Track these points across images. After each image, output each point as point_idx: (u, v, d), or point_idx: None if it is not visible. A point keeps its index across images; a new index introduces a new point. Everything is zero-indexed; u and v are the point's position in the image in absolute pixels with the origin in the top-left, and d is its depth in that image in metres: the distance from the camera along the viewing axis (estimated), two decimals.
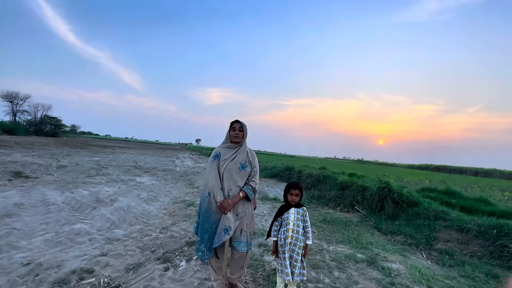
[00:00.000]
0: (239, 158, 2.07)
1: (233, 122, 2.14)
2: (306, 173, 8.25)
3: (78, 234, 3.39)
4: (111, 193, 5.47)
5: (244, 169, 2.06)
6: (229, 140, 2.15)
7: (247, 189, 2.04)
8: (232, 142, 2.13)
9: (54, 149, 16.49)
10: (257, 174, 2.15)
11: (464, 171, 60.93)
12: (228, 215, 1.95)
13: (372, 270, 2.77)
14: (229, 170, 2.02)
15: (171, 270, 2.64)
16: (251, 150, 2.20)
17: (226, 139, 2.18)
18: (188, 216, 4.61)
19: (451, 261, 3.21)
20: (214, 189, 1.98)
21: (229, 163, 2.04)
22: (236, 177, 2.02)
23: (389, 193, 4.97)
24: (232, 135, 2.11)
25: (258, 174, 2.20)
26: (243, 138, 2.12)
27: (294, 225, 2.09)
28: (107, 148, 25.77)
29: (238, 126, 2.10)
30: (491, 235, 3.44)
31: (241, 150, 2.11)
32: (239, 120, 2.12)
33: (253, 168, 2.13)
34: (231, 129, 2.12)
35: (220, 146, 2.19)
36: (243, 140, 2.13)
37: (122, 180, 7.39)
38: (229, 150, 2.11)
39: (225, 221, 1.95)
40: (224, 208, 1.93)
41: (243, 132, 2.11)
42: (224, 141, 2.20)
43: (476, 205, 5.21)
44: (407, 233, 4.05)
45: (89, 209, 4.38)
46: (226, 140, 2.17)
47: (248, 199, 2.07)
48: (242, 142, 2.13)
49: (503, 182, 25.60)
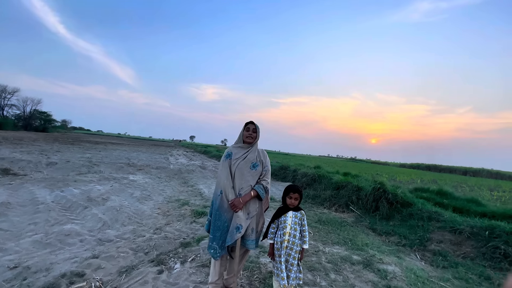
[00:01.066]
0: (251, 157, 2.10)
1: (248, 123, 2.17)
2: (301, 172, 8.25)
3: (68, 235, 3.29)
4: (103, 192, 5.35)
5: (255, 168, 2.08)
6: (242, 140, 2.18)
7: (258, 188, 2.06)
8: (245, 142, 2.16)
9: (44, 145, 16.08)
10: (268, 173, 2.17)
11: (453, 170, 62.52)
12: (239, 213, 1.97)
13: (368, 273, 2.77)
14: (241, 169, 2.05)
15: (165, 273, 2.58)
16: (262, 150, 2.22)
17: (239, 139, 2.20)
18: (183, 216, 4.55)
19: (444, 262, 3.25)
20: (226, 188, 2.01)
21: (241, 162, 2.07)
22: (247, 176, 2.05)
23: (384, 193, 5.01)
24: (245, 135, 2.14)
25: (270, 174, 2.21)
26: (255, 139, 2.15)
27: (291, 228, 2.06)
28: (99, 144, 25.28)
29: (252, 127, 2.13)
30: (483, 237, 3.49)
31: (252, 150, 2.14)
32: (253, 122, 2.16)
33: (265, 167, 2.15)
34: (245, 129, 2.15)
35: (232, 145, 2.23)
36: (255, 141, 2.16)
37: (115, 178, 7.24)
38: (240, 150, 2.14)
39: (237, 219, 1.97)
40: (235, 206, 1.95)
41: (256, 134, 2.14)
42: (236, 141, 2.23)
43: (468, 206, 5.31)
44: (402, 234, 4.08)
45: (80, 209, 4.27)
46: (239, 140, 2.20)
47: (259, 198, 2.09)
48: (254, 142, 2.16)
49: (491, 182, 26.33)
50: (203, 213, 4.71)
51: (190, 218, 4.42)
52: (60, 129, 55.19)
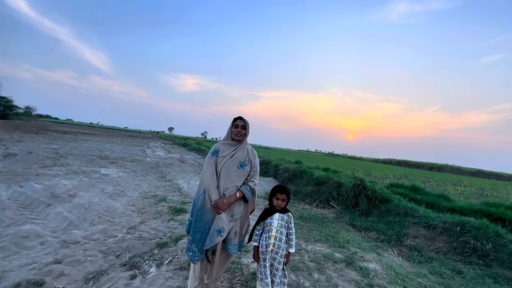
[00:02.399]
0: (239, 156, 1.95)
1: (236, 119, 2.01)
2: (283, 168, 8.24)
3: (26, 237, 2.93)
4: (70, 187, 4.89)
5: (243, 168, 1.94)
6: (230, 137, 2.02)
7: (244, 189, 1.92)
8: (233, 139, 2.00)
9: (3, 133, 14.54)
10: (257, 174, 2.04)
11: (421, 166, 67.47)
12: (222, 215, 1.83)
13: (350, 271, 2.77)
14: (227, 167, 1.90)
15: (138, 278, 2.37)
16: (252, 149, 2.09)
17: (227, 136, 2.05)
18: (159, 213, 4.29)
19: (420, 258, 3.37)
20: (210, 187, 1.86)
21: (228, 160, 1.92)
22: (234, 176, 1.90)
23: (363, 189, 5.12)
24: (233, 132, 1.98)
25: (258, 175, 2.08)
26: (245, 136, 2.00)
27: (277, 231, 1.95)
28: (67, 134, 23.48)
29: (241, 124, 1.98)
30: (454, 232, 3.67)
31: (241, 148, 2.00)
32: (242, 117, 2.00)
33: (253, 167, 2.02)
34: (233, 126, 1.99)
35: (220, 142, 2.07)
36: (244, 138, 2.02)
37: (84, 171, 6.68)
38: (228, 147, 1.98)
39: (219, 221, 1.82)
40: (218, 207, 1.80)
41: (246, 130, 2.00)
42: (224, 137, 2.08)
43: (438, 201, 5.61)
44: (380, 230, 4.19)
45: (42, 207, 3.84)
46: (227, 137, 2.05)
47: (245, 200, 1.95)
48: (243, 140, 2.02)
49: (454, 177, 28.72)
50: (182, 210, 4.49)
51: (167, 216, 4.18)
52: (23, 117, 50.46)
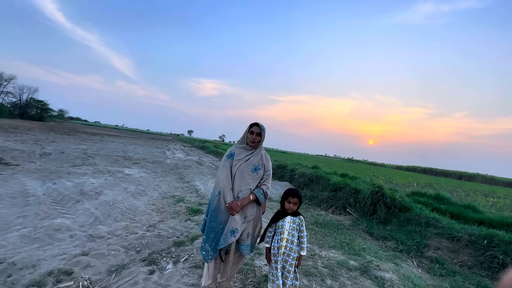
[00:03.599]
0: (253, 160, 2.02)
1: (252, 125, 2.06)
2: (299, 172, 8.18)
3: (58, 229, 3.19)
4: (97, 186, 5.23)
5: (256, 172, 2.01)
6: (245, 142, 2.08)
7: (257, 192, 1.99)
8: (248, 144, 2.07)
9: (39, 134, 15.84)
10: (269, 178, 2.10)
11: (449, 174, 63.04)
12: (235, 216, 1.90)
13: (365, 280, 2.71)
14: (242, 171, 1.97)
15: (156, 274, 2.50)
16: (266, 154, 2.14)
17: (242, 140, 2.11)
18: (177, 213, 4.46)
19: (441, 270, 3.21)
20: (225, 189, 1.94)
21: (242, 163, 1.99)
22: (248, 179, 1.97)
23: (382, 197, 4.95)
24: (249, 139, 2.04)
25: (271, 178, 2.14)
26: (259, 143, 2.05)
27: (289, 234, 1.99)
28: (95, 135, 25.01)
29: (257, 131, 2.02)
30: (481, 245, 3.45)
31: (256, 153, 2.06)
32: (258, 124, 2.04)
33: (266, 171, 2.07)
34: (249, 132, 2.05)
35: (235, 145, 2.13)
36: (259, 144, 2.07)
37: (110, 171, 7.11)
38: (244, 151, 2.05)
39: (233, 222, 1.89)
40: (232, 209, 1.88)
41: (261, 137, 2.04)
42: (240, 140, 2.14)
43: (465, 212, 5.28)
44: (399, 239, 4.03)
45: (72, 202, 4.16)
46: (242, 141, 2.11)
47: (258, 202, 2.01)
48: (258, 145, 2.07)
49: (486, 187, 26.57)
50: (198, 210, 4.63)
51: (184, 216, 4.33)
52: (57, 119, 54.57)
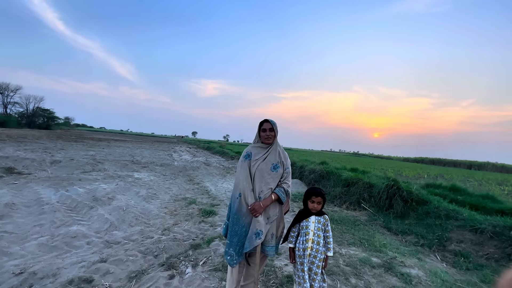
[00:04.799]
0: (271, 158, 1.95)
1: (263, 122, 2.00)
2: (309, 169, 8.08)
3: (75, 237, 3.18)
4: (109, 191, 5.24)
5: (276, 170, 1.94)
6: (260, 141, 2.03)
7: (279, 192, 1.92)
8: (263, 143, 2.01)
9: (48, 142, 16.05)
10: (289, 175, 2.03)
11: (458, 164, 61.84)
12: (259, 218, 1.83)
13: (390, 277, 2.62)
14: (261, 170, 1.91)
15: (176, 278, 2.46)
16: (283, 151, 2.07)
17: (257, 139, 2.06)
18: (190, 215, 4.43)
19: (467, 264, 3.09)
20: (245, 190, 1.87)
21: (261, 163, 1.93)
22: (267, 178, 1.91)
23: (398, 190, 4.83)
24: (263, 137, 1.99)
25: (291, 176, 2.06)
26: (274, 138, 2.00)
27: (315, 235, 1.91)
28: (102, 141, 25.28)
29: (269, 127, 1.97)
30: (507, 236, 3.32)
31: (272, 150, 1.99)
32: (268, 120, 1.98)
33: (286, 169, 2.00)
34: (261, 130, 2.00)
35: (251, 145, 2.08)
36: (274, 139, 2.00)
37: (120, 176, 7.13)
38: (260, 150, 1.99)
39: (256, 224, 1.83)
40: (255, 211, 1.81)
41: (274, 132, 1.98)
42: (255, 140, 2.09)
43: (483, 202, 5.11)
44: (419, 233, 3.92)
45: (86, 209, 4.16)
46: (257, 140, 2.05)
47: (280, 202, 1.95)
48: (273, 142, 2.01)
49: (498, 175, 25.95)
50: (212, 212, 4.59)
51: (198, 218, 4.30)
52: (63, 126, 55.36)
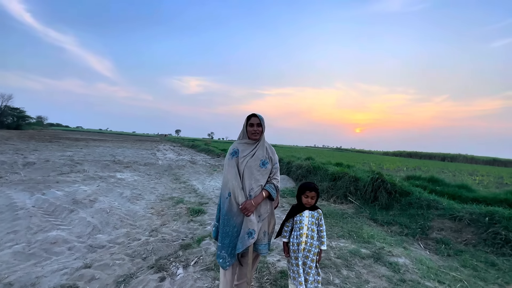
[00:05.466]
0: (259, 154, 1.90)
1: (250, 117, 1.93)
2: (296, 164, 8.17)
3: (54, 243, 2.99)
4: (90, 193, 4.98)
5: (265, 166, 1.90)
6: (246, 136, 1.96)
7: (269, 188, 1.88)
8: (250, 138, 1.95)
9: (19, 143, 14.99)
10: (278, 171, 2.00)
11: (433, 157, 65.75)
12: (251, 217, 1.78)
13: (380, 267, 2.70)
14: (250, 167, 1.85)
15: (168, 280, 2.38)
16: (270, 146, 2.03)
17: (243, 135, 1.99)
18: (178, 214, 4.32)
19: (448, 250, 3.27)
20: (235, 189, 1.81)
21: (249, 159, 1.87)
22: (257, 175, 1.86)
23: (382, 183, 5.01)
24: (250, 132, 1.93)
25: (279, 171, 2.03)
26: (261, 133, 1.95)
27: (308, 229, 1.91)
28: (79, 141, 24.04)
29: (256, 122, 1.91)
30: (483, 223, 3.55)
31: (260, 146, 1.94)
32: (256, 114, 1.92)
33: (274, 164, 1.97)
34: (248, 125, 1.93)
35: (237, 142, 2.00)
36: (261, 135, 1.96)
37: (101, 177, 6.81)
38: (247, 146, 1.93)
39: (248, 224, 1.78)
40: (247, 210, 1.76)
41: (262, 128, 1.93)
42: (240, 136, 2.02)
43: (459, 192, 5.42)
44: (403, 223, 4.09)
45: (66, 213, 3.92)
46: (243, 136, 1.99)
47: (270, 198, 1.91)
48: (260, 137, 1.96)
49: (468, 166, 27.89)
50: (200, 211, 4.51)
51: (186, 217, 4.20)
52: (36, 126, 51.96)
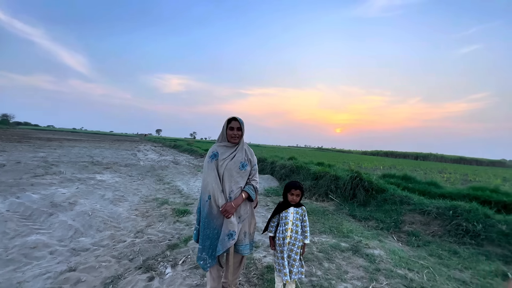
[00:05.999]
0: (239, 157, 1.97)
1: (230, 120, 1.99)
2: (279, 164, 8.37)
3: (34, 247, 2.90)
4: (69, 195, 4.80)
5: (244, 168, 1.97)
6: (226, 139, 2.01)
7: (249, 189, 1.96)
8: (229, 141, 2.00)
9: None
10: (257, 172, 2.08)
11: (407, 156, 69.86)
12: (231, 219, 1.85)
13: (357, 258, 2.93)
14: (230, 170, 1.91)
15: (156, 279, 2.42)
16: (249, 148, 2.10)
17: (223, 137, 2.04)
18: (164, 215, 4.31)
19: (418, 242, 3.59)
20: (215, 192, 1.86)
21: (229, 162, 1.93)
22: (237, 177, 1.92)
23: (360, 181, 5.33)
24: (229, 135, 1.98)
25: (258, 172, 2.12)
26: (241, 137, 2.01)
27: (293, 224, 2.06)
28: (52, 141, 22.66)
29: (237, 126, 1.97)
30: (447, 216, 3.92)
31: (239, 148, 2.01)
32: (236, 118, 1.98)
33: (253, 166, 2.05)
34: (229, 128, 1.98)
35: (217, 144, 2.05)
36: (241, 139, 2.02)
37: (80, 179, 6.55)
38: (227, 149, 1.99)
39: (229, 225, 1.84)
40: (227, 212, 1.82)
41: (241, 131, 1.99)
42: (219, 139, 2.06)
43: (429, 188, 5.90)
44: (378, 218, 4.40)
45: (45, 216, 3.78)
46: (223, 139, 2.03)
47: (250, 199, 1.99)
48: (240, 141, 2.02)
49: (438, 165, 30.02)
50: (186, 211, 4.53)
51: (172, 218, 4.21)
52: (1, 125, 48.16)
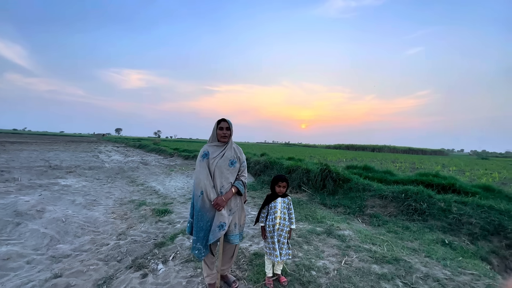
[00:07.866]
0: (228, 155, 2.15)
1: (220, 121, 2.16)
2: (254, 160, 8.67)
3: (8, 259, 2.75)
4: (34, 203, 4.46)
5: (233, 165, 2.15)
6: (216, 139, 2.19)
7: (238, 185, 2.15)
8: (219, 141, 2.18)
9: None
10: (245, 169, 2.28)
11: (365, 148, 76.20)
12: (222, 211, 2.03)
13: (331, 239, 3.37)
14: (220, 167, 2.08)
15: (150, 276, 2.52)
16: (237, 146, 2.29)
17: (213, 138, 2.21)
18: (144, 216, 4.29)
19: (378, 222, 4.20)
20: (207, 188, 2.02)
21: (219, 160, 2.10)
22: (227, 174, 2.10)
23: (329, 173, 5.89)
24: (219, 135, 2.15)
25: (246, 169, 2.32)
26: (230, 136, 2.19)
27: (281, 213, 2.34)
28: None
29: (226, 126, 2.14)
30: (400, 198, 4.63)
31: (229, 147, 2.19)
32: (225, 119, 2.16)
33: (242, 163, 2.24)
34: (218, 128, 2.16)
35: (208, 144, 2.21)
36: (230, 138, 2.20)
37: (40, 185, 6.03)
38: (217, 148, 2.16)
39: (220, 217, 2.02)
40: (219, 205, 1.99)
41: (230, 131, 2.18)
42: (210, 139, 2.23)
43: (385, 176, 6.75)
44: (346, 205, 4.97)
45: (11, 226, 3.52)
46: (213, 139, 2.21)
47: (239, 193, 2.18)
48: (229, 140, 2.20)
49: (391, 155, 33.53)
50: (166, 211, 4.56)
51: (153, 218, 4.22)
52: None
